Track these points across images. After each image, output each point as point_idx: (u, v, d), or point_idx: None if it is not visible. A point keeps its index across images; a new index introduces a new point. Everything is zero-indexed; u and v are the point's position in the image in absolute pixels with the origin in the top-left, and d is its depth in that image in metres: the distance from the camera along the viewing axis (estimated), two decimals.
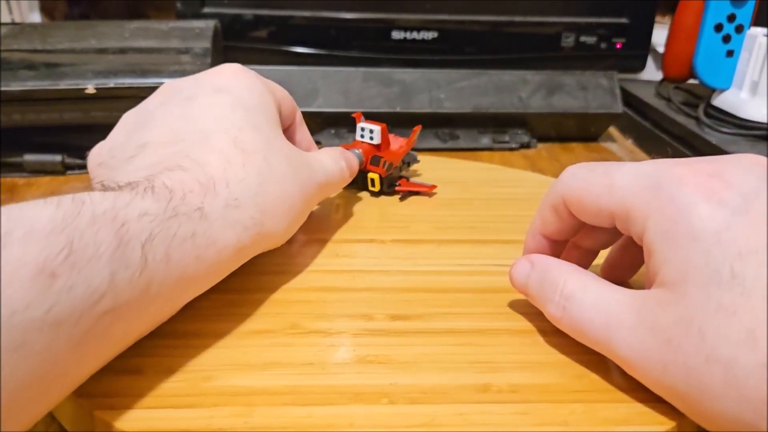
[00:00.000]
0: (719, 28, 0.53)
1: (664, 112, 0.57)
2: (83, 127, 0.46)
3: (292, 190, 0.27)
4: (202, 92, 0.27)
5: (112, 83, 0.45)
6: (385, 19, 0.58)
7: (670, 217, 0.20)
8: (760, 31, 0.52)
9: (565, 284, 0.23)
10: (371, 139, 0.37)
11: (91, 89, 0.45)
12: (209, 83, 0.28)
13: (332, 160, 0.31)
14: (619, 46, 0.60)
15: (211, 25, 0.53)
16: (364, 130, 0.37)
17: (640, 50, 0.61)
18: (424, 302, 0.27)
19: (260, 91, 0.28)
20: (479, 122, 0.57)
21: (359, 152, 0.36)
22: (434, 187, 0.39)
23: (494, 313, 0.27)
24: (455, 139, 0.56)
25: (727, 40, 0.53)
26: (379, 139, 0.37)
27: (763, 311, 0.18)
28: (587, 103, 0.57)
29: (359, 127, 0.37)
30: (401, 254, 0.31)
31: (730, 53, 0.54)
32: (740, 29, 0.53)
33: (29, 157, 0.47)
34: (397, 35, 0.58)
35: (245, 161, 0.25)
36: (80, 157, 0.48)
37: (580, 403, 0.22)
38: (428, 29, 0.58)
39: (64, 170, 0.48)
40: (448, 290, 0.28)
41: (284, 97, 0.31)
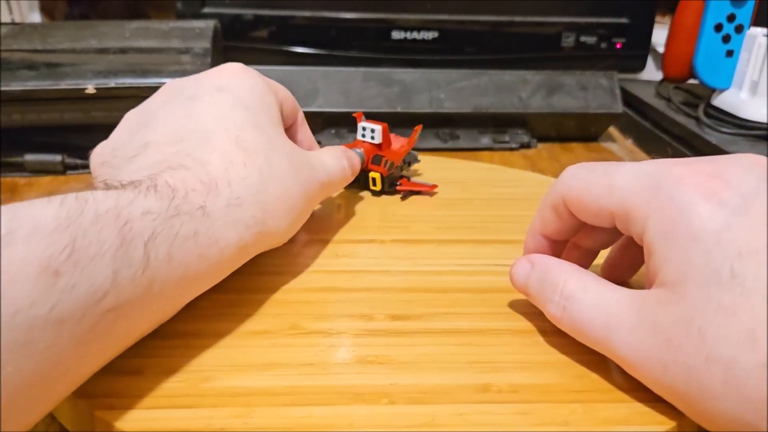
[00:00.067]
0: (719, 28, 0.53)
1: (664, 112, 0.57)
2: (83, 127, 0.46)
3: (293, 188, 0.27)
4: (203, 92, 0.27)
5: (112, 83, 0.45)
6: (385, 19, 0.58)
7: (670, 217, 0.20)
8: (759, 31, 0.52)
9: (565, 284, 0.23)
10: (372, 138, 0.37)
11: (91, 89, 0.45)
12: (211, 83, 0.28)
13: (334, 158, 0.31)
14: (619, 46, 0.60)
15: (211, 25, 0.53)
16: (365, 129, 0.37)
17: (640, 50, 0.61)
18: (424, 302, 0.27)
19: (262, 90, 0.29)
20: (479, 122, 0.57)
21: (361, 151, 0.36)
22: (435, 186, 0.39)
23: (494, 313, 0.27)
24: (455, 139, 0.56)
25: (727, 40, 0.53)
26: (380, 138, 0.37)
27: (763, 311, 0.18)
28: (587, 103, 0.57)
29: (360, 126, 0.37)
30: (401, 254, 0.31)
31: (729, 53, 0.54)
32: (740, 29, 0.53)
33: (30, 157, 0.47)
34: (397, 35, 0.58)
35: (247, 160, 0.25)
36: (80, 157, 0.48)
37: (580, 403, 0.22)
38: (428, 29, 0.58)
39: (64, 170, 0.48)
40: (448, 290, 0.28)
41: (286, 96, 0.31)
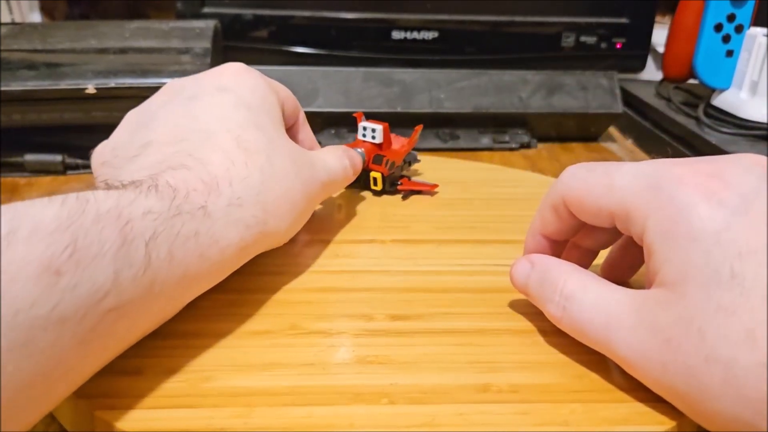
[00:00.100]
0: (719, 28, 0.53)
1: (664, 112, 0.57)
2: (83, 127, 0.46)
3: (295, 188, 0.27)
4: (204, 91, 0.27)
5: (112, 83, 0.45)
6: (385, 19, 0.58)
7: (669, 217, 0.20)
8: (759, 31, 0.52)
9: (565, 284, 0.23)
10: (373, 138, 0.37)
11: (91, 89, 0.45)
12: (212, 82, 0.28)
13: (336, 158, 0.31)
14: (619, 46, 0.60)
15: (211, 25, 0.53)
16: (366, 129, 0.37)
17: (640, 50, 0.61)
18: (424, 302, 0.27)
19: (263, 90, 0.29)
20: (479, 122, 0.57)
21: (362, 151, 0.36)
22: (436, 186, 0.39)
23: (494, 313, 0.27)
24: (455, 139, 0.56)
25: (726, 40, 0.53)
26: (381, 138, 0.37)
27: (762, 311, 0.18)
28: (587, 103, 0.57)
29: (361, 126, 0.37)
30: (401, 254, 0.31)
31: (729, 53, 0.54)
32: (740, 29, 0.53)
33: (30, 157, 0.47)
34: (397, 35, 0.58)
35: (248, 160, 0.25)
36: (81, 157, 0.48)
37: (580, 403, 0.22)
38: (428, 29, 0.58)
39: (64, 170, 0.48)
40: (448, 290, 0.28)
41: (287, 96, 0.31)
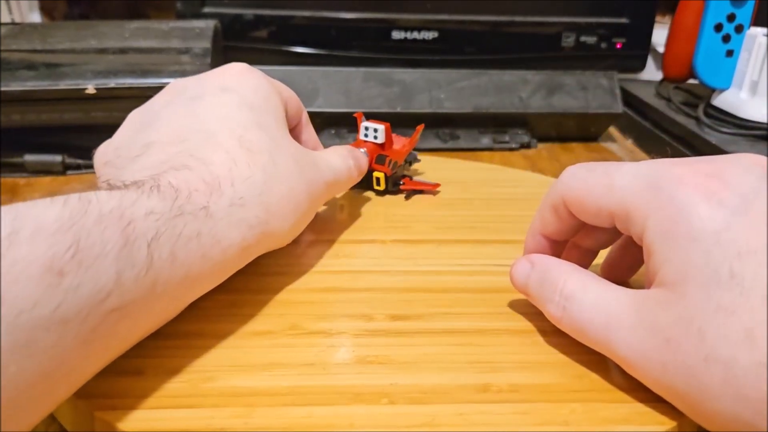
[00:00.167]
0: (719, 28, 0.53)
1: (664, 112, 0.57)
2: (83, 127, 0.46)
3: (298, 188, 0.27)
4: (207, 92, 0.27)
5: (112, 83, 0.45)
6: (385, 19, 0.58)
7: (669, 217, 0.20)
8: (759, 31, 0.52)
9: (565, 284, 0.23)
10: (375, 138, 0.37)
11: (91, 89, 0.45)
12: (215, 83, 0.28)
13: (340, 158, 0.31)
14: (619, 46, 0.60)
15: (211, 25, 0.53)
16: (368, 129, 0.37)
17: (640, 50, 0.61)
18: (424, 302, 0.27)
19: (266, 90, 0.29)
20: (479, 122, 0.57)
21: (364, 151, 0.36)
22: (438, 185, 0.39)
23: (494, 313, 0.27)
24: (455, 139, 0.56)
25: (726, 40, 0.53)
26: (383, 138, 0.37)
27: (762, 311, 0.18)
28: (587, 103, 0.57)
29: (363, 126, 0.37)
30: (402, 254, 0.31)
31: (729, 53, 0.54)
32: (740, 29, 0.53)
33: (30, 157, 0.47)
34: (397, 35, 0.58)
35: (250, 160, 0.25)
36: (81, 157, 0.48)
37: (580, 403, 0.22)
38: (428, 29, 0.58)
39: (64, 170, 0.48)
40: (448, 290, 0.28)
41: (290, 96, 0.31)
